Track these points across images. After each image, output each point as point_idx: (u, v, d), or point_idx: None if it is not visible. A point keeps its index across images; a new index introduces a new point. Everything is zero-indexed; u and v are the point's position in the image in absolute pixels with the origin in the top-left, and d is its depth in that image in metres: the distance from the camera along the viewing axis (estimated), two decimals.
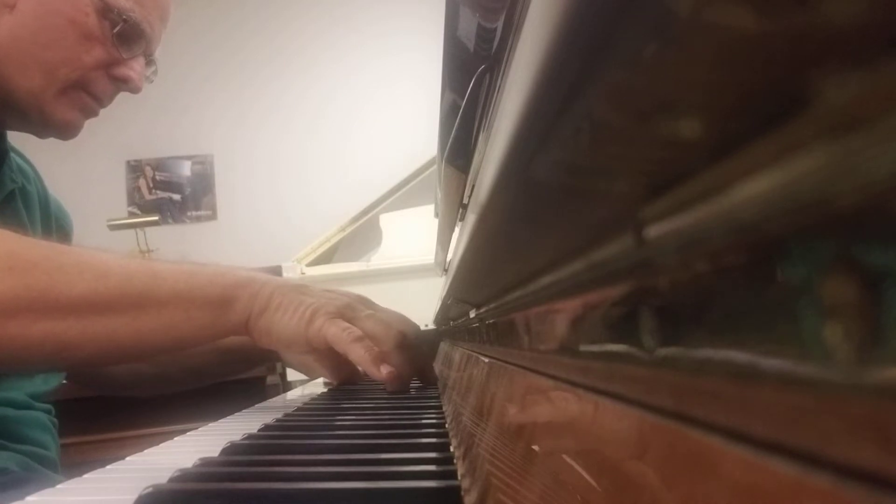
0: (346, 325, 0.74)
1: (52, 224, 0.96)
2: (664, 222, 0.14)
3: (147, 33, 0.85)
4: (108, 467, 0.44)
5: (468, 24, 0.34)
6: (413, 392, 0.78)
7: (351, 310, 0.75)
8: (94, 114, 0.88)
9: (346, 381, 0.83)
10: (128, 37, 0.84)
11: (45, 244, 0.69)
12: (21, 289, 0.62)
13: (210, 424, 0.64)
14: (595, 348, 0.19)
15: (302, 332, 0.73)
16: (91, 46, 0.82)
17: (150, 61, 0.90)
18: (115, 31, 0.83)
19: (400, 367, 0.75)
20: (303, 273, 1.69)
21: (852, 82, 0.08)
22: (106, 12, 0.82)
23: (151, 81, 0.92)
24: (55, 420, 0.89)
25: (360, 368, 0.76)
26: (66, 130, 0.86)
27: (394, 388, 0.74)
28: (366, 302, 0.79)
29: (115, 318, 0.66)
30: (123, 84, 0.86)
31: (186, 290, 0.70)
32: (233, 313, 0.72)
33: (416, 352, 0.79)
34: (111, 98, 0.88)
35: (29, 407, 0.83)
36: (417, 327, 0.82)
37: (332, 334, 0.72)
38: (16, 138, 0.90)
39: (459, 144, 0.39)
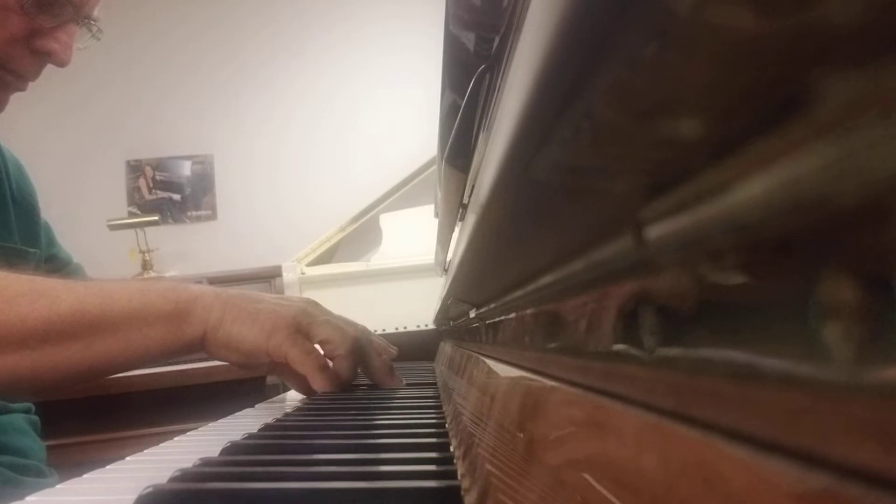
0: (309, 347, 0.73)
1: (9, 190, 0.87)
2: (664, 222, 0.14)
3: None
4: (108, 467, 0.44)
5: (468, 24, 0.34)
6: (413, 392, 0.78)
7: (307, 315, 0.74)
8: (21, 89, 0.80)
9: (309, 393, 0.80)
10: (48, 3, 0.74)
11: None
12: None
13: (210, 424, 0.64)
14: (595, 348, 0.19)
15: (262, 344, 0.71)
16: (4, 17, 0.73)
17: (85, 23, 0.79)
18: None
19: (348, 371, 0.76)
20: (303, 273, 1.69)
21: (852, 82, 0.08)
22: None
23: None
24: (36, 418, 0.86)
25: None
26: None
27: (331, 388, 0.75)
28: (318, 307, 0.79)
29: (69, 344, 0.63)
30: (47, 57, 0.77)
31: (139, 307, 0.68)
32: (188, 327, 0.70)
33: (362, 354, 0.79)
34: (37, 73, 0.80)
35: (4, 410, 0.80)
36: (367, 330, 0.83)
37: (294, 357, 0.72)
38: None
39: (459, 144, 0.39)
